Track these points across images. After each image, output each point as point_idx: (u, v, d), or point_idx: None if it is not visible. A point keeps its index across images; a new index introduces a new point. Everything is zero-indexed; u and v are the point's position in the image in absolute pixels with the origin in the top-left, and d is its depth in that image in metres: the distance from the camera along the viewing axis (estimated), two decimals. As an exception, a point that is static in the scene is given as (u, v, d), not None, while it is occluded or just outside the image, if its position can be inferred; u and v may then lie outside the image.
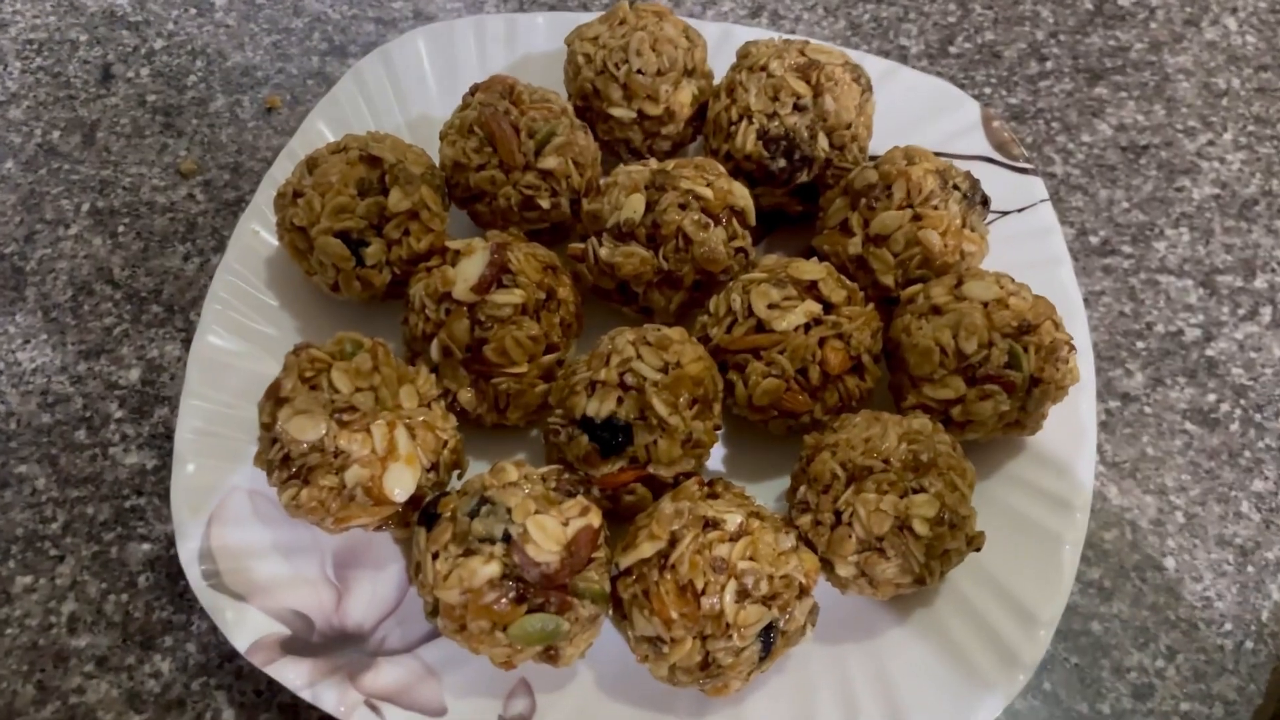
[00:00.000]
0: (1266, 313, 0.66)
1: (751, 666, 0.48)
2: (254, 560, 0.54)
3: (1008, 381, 0.53)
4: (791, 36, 0.66)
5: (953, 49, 0.77)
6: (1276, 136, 0.73)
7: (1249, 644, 0.56)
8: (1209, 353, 0.65)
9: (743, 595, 0.47)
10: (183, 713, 0.54)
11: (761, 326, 0.55)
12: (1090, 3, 0.79)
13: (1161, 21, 0.78)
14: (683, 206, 0.57)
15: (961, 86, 0.75)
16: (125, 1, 0.80)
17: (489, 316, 0.55)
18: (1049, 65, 0.76)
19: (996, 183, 0.65)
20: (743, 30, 0.70)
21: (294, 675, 0.51)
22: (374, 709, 0.50)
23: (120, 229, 0.69)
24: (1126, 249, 0.68)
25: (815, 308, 0.55)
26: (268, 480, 0.52)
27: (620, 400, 0.52)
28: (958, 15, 0.79)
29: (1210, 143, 0.73)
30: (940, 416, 0.54)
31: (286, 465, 0.51)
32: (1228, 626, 0.56)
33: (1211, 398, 0.63)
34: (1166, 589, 0.57)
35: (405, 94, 0.69)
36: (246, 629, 0.52)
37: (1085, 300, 0.66)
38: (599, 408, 0.52)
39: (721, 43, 0.68)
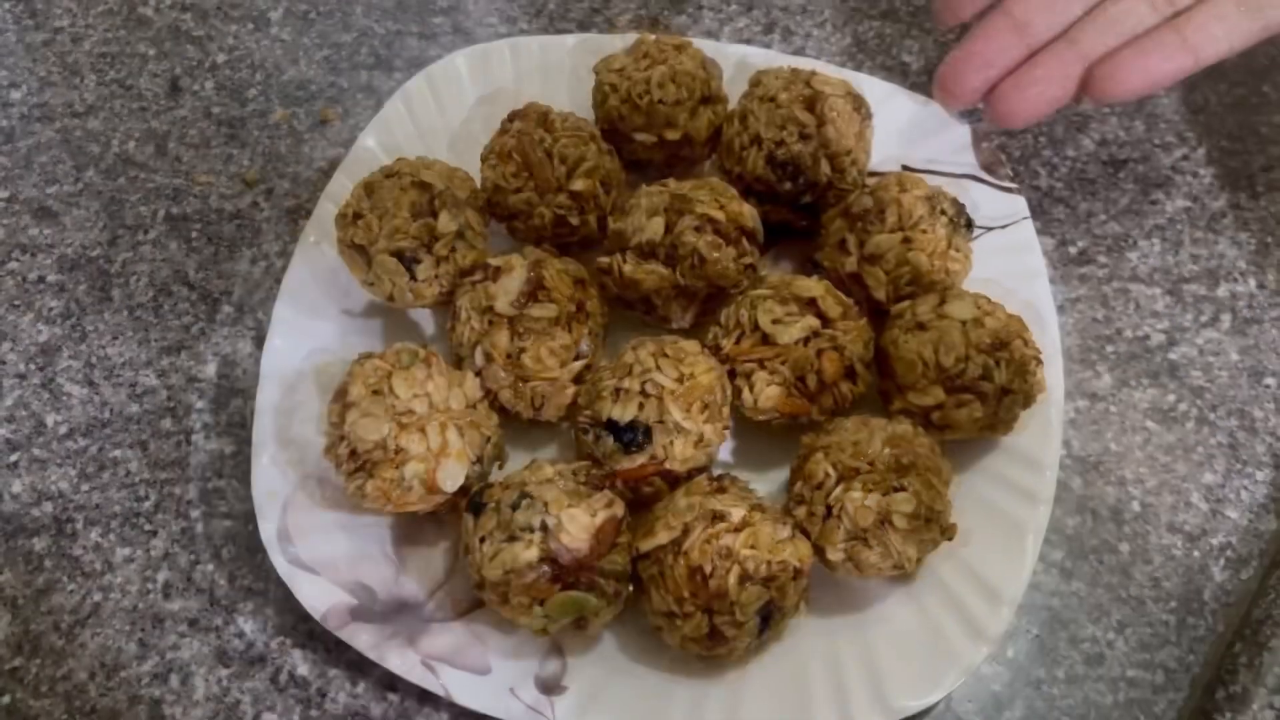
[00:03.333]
0: (1226, 319, 0.71)
1: (751, 639, 0.54)
2: (323, 539, 0.60)
3: (981, 392, 0.58)
4: (800, 61, 0.71)
5: None
6: (1247, 151, 0.78)
7: (1191, 620, 0.61)
8: (1171, 356, 0.70)
9: (744, 578, 0.52)
10: (264, 666, 0.60)
11: (766, 339, 0.60)
12: (1081, 19, 0.84)
13: (1147, 38, 0.83)
14: (698, 229, 0.62)
15: None
16: (189, 17, 0.85)
17: (526, 328, 0.60)
18: (1040, 81, 0.81)
19: (982, 200, 0.70)
20: (758, 53, 0.75)
21: (363, 639, 0.56)
22: (430, 669, 0.56)
23: (193, 234, 0.75)
24: (1102, 258, 0.73)
25: (814, 322, 0.60)
26: (335, 472, 0.58)
27: (641, 406, 0.57)
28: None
29: (1185, 157, 0.78)
30: (922, 420, 0.60)
31: (353, 459, 0.57)
32: (1173, 604, 0.62)
33: (1171, 398, 0.68)
34: (1120, 570, 0.63)
35: (448, 111, 0.74)
36: (321, 598, 0.57)
37: (1061, 306, 0.70)
38: (623, 412, 0.57)
39: (740, 67, 0.74)
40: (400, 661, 0.57)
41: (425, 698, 0.59)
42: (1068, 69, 0.62)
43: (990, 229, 0.70)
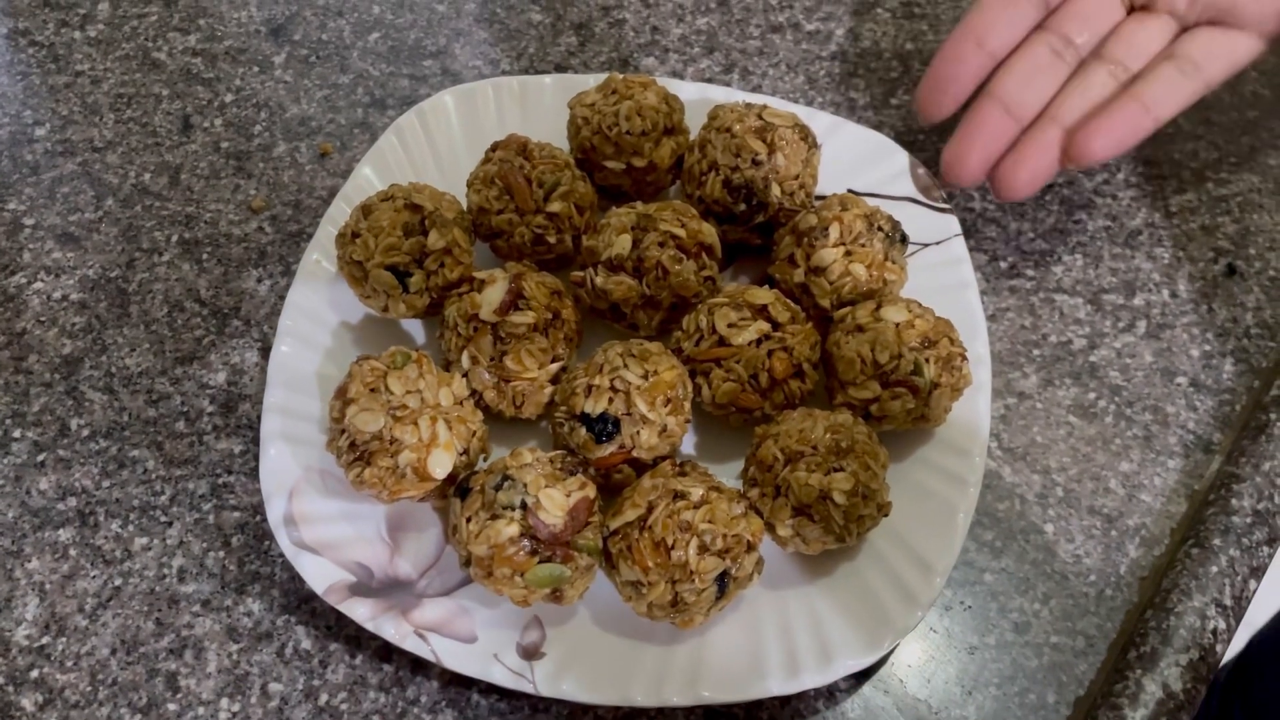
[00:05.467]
0: (1142, 325, 0.76)
1: (710, 604, 0.57)
2: (325, 524, 0.63)
3: (913, 385, 0.63)
4: (755, 98, 0.77)
5: (894, 100, 0.88)
6: (1161, 175, 0.84)
7: (1109, 592, 0.66)
8: (1092, 359, 0.75)
9: (703, 550, 0.56)
10: (270, 642, 0.63)
11: (723, 341, 0.64)
12: (1013, 59, 0.91)
13: (1072, 75, 0.90)
14: (662, 244, 0.66)
15: (900, 133, 0.85)
16: (199, 61, 0.90)
17: (508, 334, 0.63)
18: (975, 114, 0.88)
19: (919, 220, 0.75)
20: (717, 90, 0.80)
21: (361, 611, 0.60)
22: (422, 637, 0.59)
23: (204, 256, 0.79)
24: (1030, 272, 0.79)
25: (765, 326, 0.64)
26: (336, 462, 0.61)
27: (611, 400, 0.60)
28: (899, 72, 0.90)
29: (1105, 181, 0.84)
30: (861, 412, 0.64)
31: (352, 450, 0.60)
32: (1093, 578, 0.66)
33: (1091, 395, 0.73)
34: (1045, 548, 0.67)
35: (437, 143, 0.79)
36: (322, 577, 0.61)
37: (992, 315, 0.76)
38: (594, 406, 0.60)
39: (700, 102, 0.79)
40: (395, 631, 0.61)
41: (418, 667, 0.63)
42: (1054, 142, 0.69)
43: (926, 245, 0.76)
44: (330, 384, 0.67)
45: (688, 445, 0.69)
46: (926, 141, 0.86)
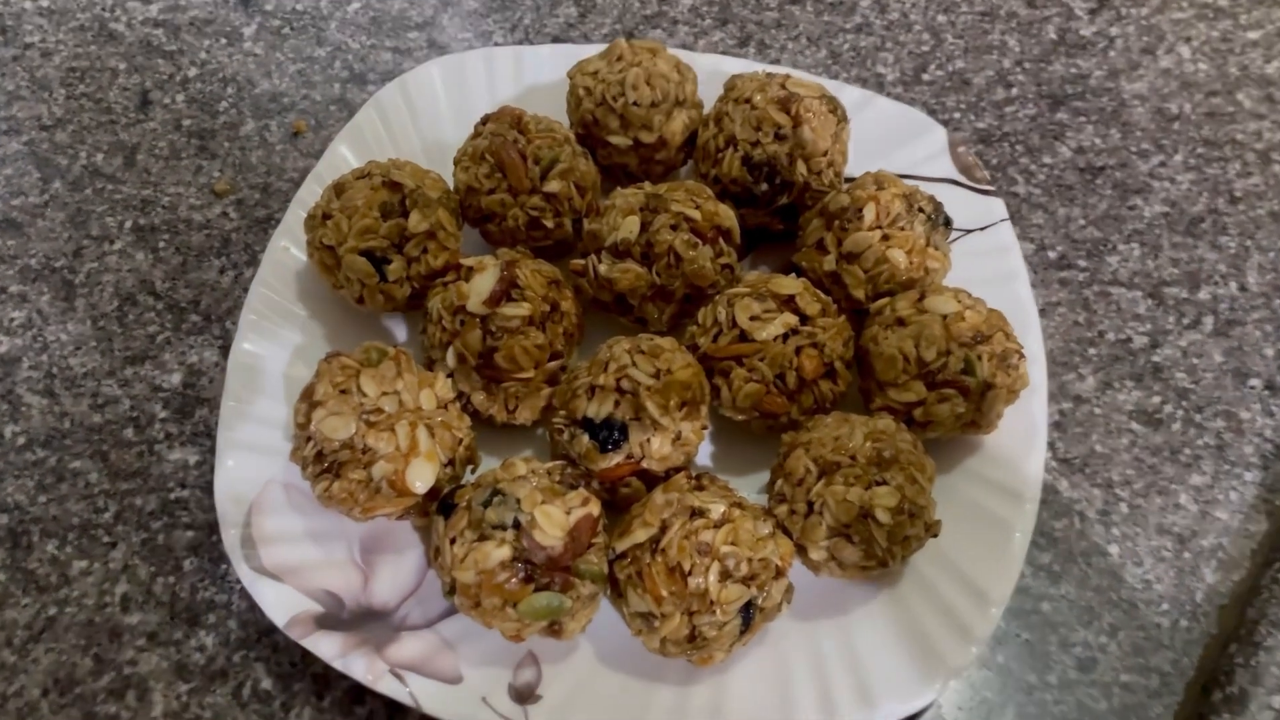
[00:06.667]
0: (1209, 322, 0.71)
1: (733, 639, 0.52)
2: (289, 545, 0.58)
3: (963, 386, 0.57)
4: (776, 68, 0.71)
5: (925, 76, 0.83)
6: (1223, 158, 0.78)
7: (1184, 622, 0.60)
8: (1155, 359, 0.69)
9: (725, 576, 0.51)
10: (225, 682, 0.58)
11: (744, 336, 0.59)
12: (1054, 33, 0.85)
13: (1120, 50, 0.84)
14: (674, 227, 0.62)
15: (933, 112, 0.80)
16: (160, 32, 0.85)
17: (499, 327, 0.59)
18: (1014, 92, 0.81)
19: (961, 203, 0.69)
20: (731, 62, 0.75)
21: (327, 647, 0.55)
22: (398, 677, 0.54)
23: (160, 244, 0.74)
24: (1082, 263, 0.73)
25: (793, 319, 0.59)
26: (302, 474, 0.56)
27: (617, 403, 0.56)
28: (930, 45, 0.84)
29: (1162, 164, 0.78)
30: (904, 417, 0.59)
31: (320, 461, 0.55)
32: (1165, 607, 0.61)
33: (1156, 400, 0.68)
34: (1110, 573, 0.62)
35: (421, 120, 0.74)
36: (284, 606, 0.56)
37: (1042, 310, 0.70)
38: (598, 409, 0.56)
39: (712, 74, 0.73)
40: (367, 670, 0.55)
41: (395, 710, 0.57)
42: None
43: (969, 231, 0.69)
44: (299, 387, 0.62)
45: (704, 455, 0.65)
46: (964, 120, 0.78)
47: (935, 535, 0.56)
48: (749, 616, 0.52)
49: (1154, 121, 0.80)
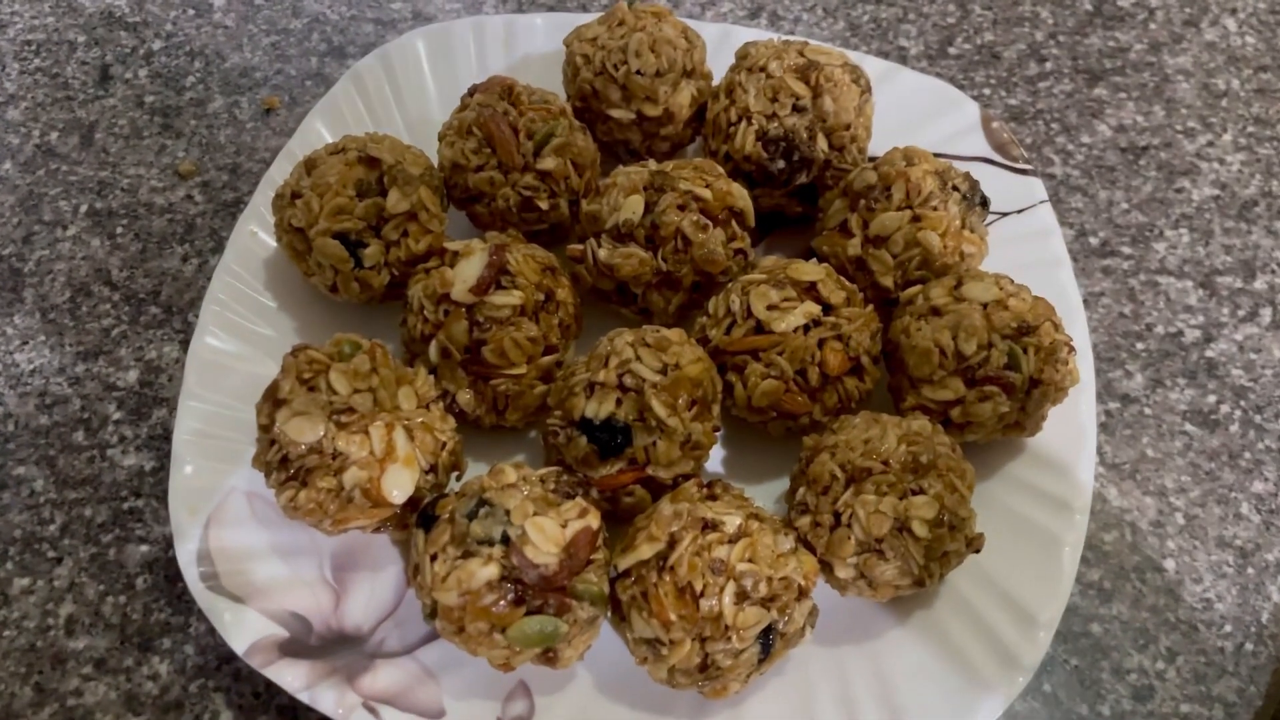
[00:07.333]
0: (1266, 314, 0.67)
1: (750, 668, 0.49)
2: (252, 562, 0.55)
3: (1007, 383, 0.53)
4: (791, 37, 0.66)
5: (952, 50, 0.78)
6: (1276, 137, 0.74)
7: (1249, 646, 0.56)
8: (1209, 354, 0.65)
9: (741, 597, 0.48)
10: (181, 715, 0.54)
11: (760, 328, 0.55)
12: (1090, 3, 0.80)
13: (1161, 22, 0.79)
14: (682, 208, 0.58)
15: (961, 87, 0.76)
16: (124, 3, 0.81)
17: (487, 318, 0.55)
18: (1048, 66, 0.77)
19: (996, 184, 0.65)
20: (742, 31, 0.71)
21: (292, 677, 0.51)
22: (372, 711, 0.51)
23: (118, 230, 0.70)
24: (1126, 250, 0.69)
25: (814, 309, 0.55)
26: (266, 482, 0.52)
27: (619, 401, 0.53)
28: (957, 16, 0.80)
29: (1210, 144, 0.74)
30: (940, 418, 0.55)
31: (285, 467, 0.51)
32: (1228, 628, 0.57)
33: (1211, 399, 0.64)
34: (1166, 590, 0.58)
35: (404, 95, 0.70)
36: (244, 631, 0.53)
37: (1085, 301, 0.66)
38: (598, 409, 0.52)
39: (721, 43, 0.69)
40: (337, 702, 0.52)
41: None
42: None
43: (1005, 214, 0.64)
44: (264, 385, 0.58)
45: (716, 460, 0.61)
46: (994, 96, 0.74)
47: (977, 550, 0.52)
48: (768, 643, 0.49)
49: (1200, 98, 0.75)
